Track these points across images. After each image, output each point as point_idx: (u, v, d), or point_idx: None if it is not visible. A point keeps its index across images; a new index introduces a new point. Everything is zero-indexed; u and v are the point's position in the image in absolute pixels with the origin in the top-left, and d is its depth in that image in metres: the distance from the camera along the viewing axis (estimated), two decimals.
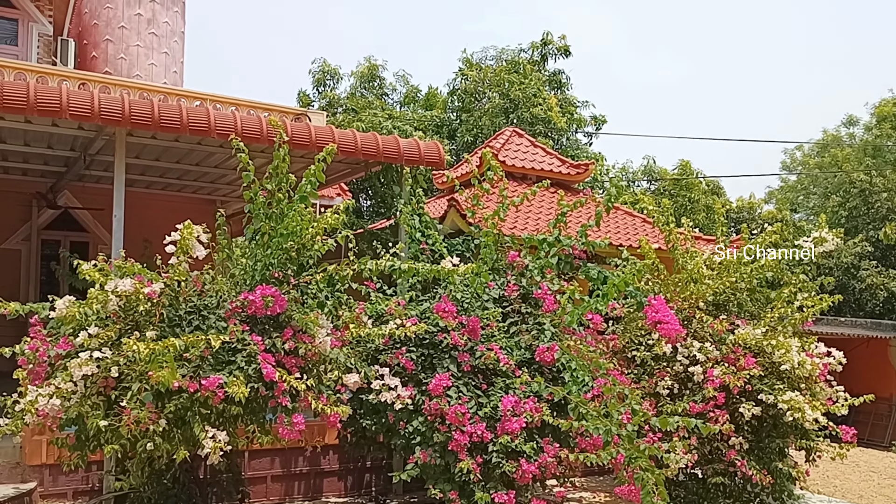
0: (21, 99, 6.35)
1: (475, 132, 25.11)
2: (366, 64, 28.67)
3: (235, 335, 5.43)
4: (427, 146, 8.76)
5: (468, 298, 6.95)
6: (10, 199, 12.44)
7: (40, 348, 5.41)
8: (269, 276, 5.97)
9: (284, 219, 5.93)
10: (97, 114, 6.69)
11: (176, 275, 5.70)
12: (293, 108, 13.86)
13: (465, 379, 6.38)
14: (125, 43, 15.69)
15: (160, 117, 7.03)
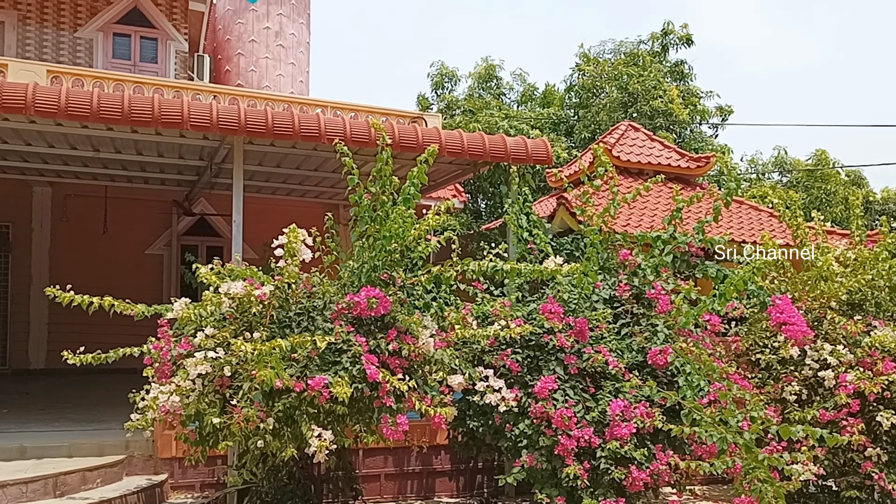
0: (147, 112, 6.68)
1: (593, 128, 24.49)
2: (483, 64, 28.61)
3: (341, 336, 5.45)
4: (535, 144, 8.52)
5: (576, 299, 6.69)
6: (152, 208, 13.26)
7: (164, 348, 5.64)
8: (374, 277, 5.97)
9: (388, 221, 5.90)
10: (216, 124, 6.94)
11: (285, 277, 5.79)
12: (410, 112, 13.95)
13: (572, 382, 6.13)
14: (255, 56, 16.39)
15: (274, 125, 7.21)
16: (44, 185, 12.64)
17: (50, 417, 8.64)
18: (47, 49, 12.65)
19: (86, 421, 8.42)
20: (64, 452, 7.02)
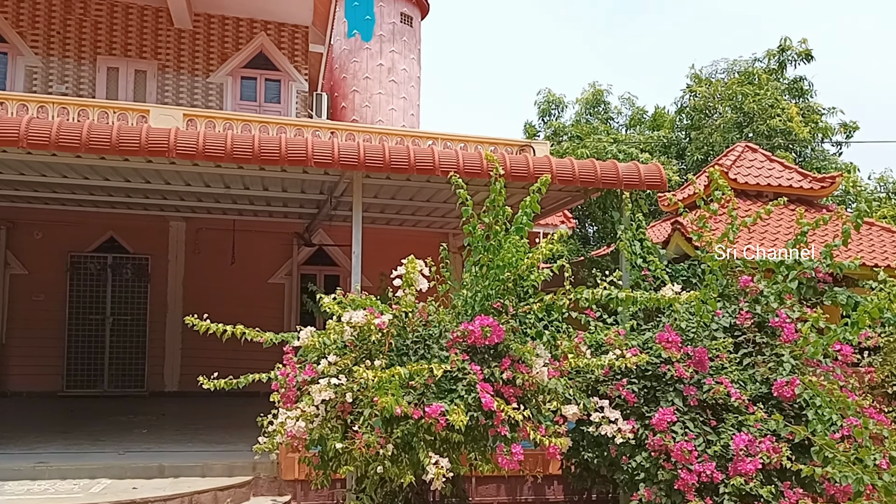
0: (275, 152, 7.07)
1: (705, 150, 23.75)
2: (590, 90, 28.42)
3: (456, 364, 5.52)
4: (647, 169, 8.38)
5: (694, 328, 6.48)
6: (275, 239, 13.94)
7: (290, 374, 5.89)
8: (487, 306, 6.02)
9: (501, 250, 5.96)
10: (337, 160, 7.26)
11: (403, 306, 5.94)
12: (517, 141, 14.04)
13: (692, 414, 5.92)
14: (369, 92, 17.01)
15: (390, 160, 7.45)
16: (179, 219, 13.53)
17: (184, 438, 9.17)
18: (183, 94, 13.65)
19: (216, 442, 8.89)
20: (197, 472, 7.44)
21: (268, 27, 14.09)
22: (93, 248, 13.49)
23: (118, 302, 13.60)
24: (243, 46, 13.97)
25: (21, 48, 12.97)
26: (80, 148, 6.77)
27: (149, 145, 6.79)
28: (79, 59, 13.24)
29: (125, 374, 13.54)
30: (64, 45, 13.17)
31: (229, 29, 13.94)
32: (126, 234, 13.60)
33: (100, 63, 13.32)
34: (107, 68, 13.36)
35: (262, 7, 13.54)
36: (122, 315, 13.59)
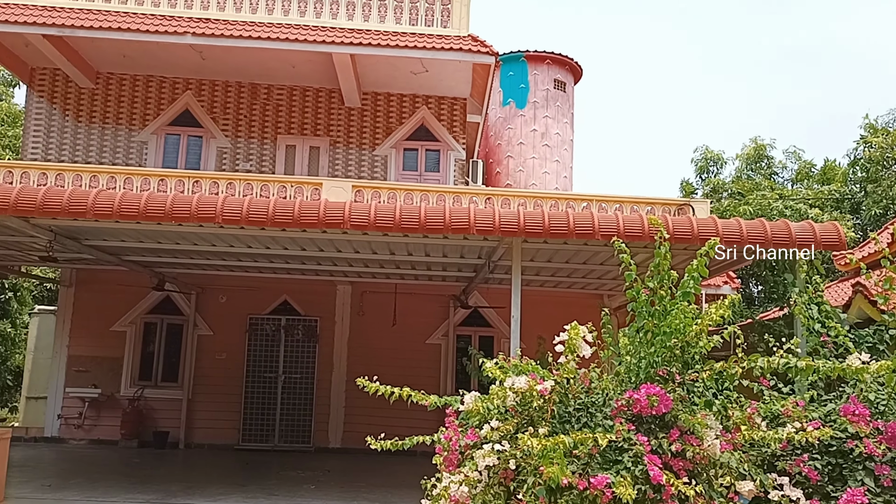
0: (440, 221, 7.40)
1: (884, 204, 21.93)
2: (752, 145, 27.26)
3: (622, 434, 5.38)
4: (824, 228, 7.90)
5: (884, 400, 5.92)
6: (433, 301, 14.36)
7: (453, 438, 5.99)
8: (653, 374, 5.85)
9: (667, 316, 5.81)
10: (498, 228, 7.46)
11: (565, 372, 5.91)
12: (674, 200, 13.70)
13: (886, 496, 5.37)
14: (523, 157, 17.34)
15: (550, 226, 7.55)
16: (346, 283, 14.30)
17: (349, 496, 9.49)
18: (351, 166, 14.62)
19: (379, 501, 9.12)
20: None
21: (429, 101, 14.88)
22: (269, 310, 14.50)
23: (289, 361, 14.45)
24: (406, 120, 14.82)
25: (214, 131, 14.51)
26: (266, 222, 7.44)
27: (326, 218, 7.33)
28: (262, 139, 14.59)
29: (294, 429, 14.24)
30: (249, 127, 14.58)
31: (394, 105, 14.86)
32: (298, 298, 14.52)
33: (279, 141, 14.61)
34: (285, 146, 14.62)
35: (424, 84, 14.35)
36: (293, 373, 14.40)
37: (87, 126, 14.26)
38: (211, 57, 13.52)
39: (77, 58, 13.58)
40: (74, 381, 14.05)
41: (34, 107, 14.25)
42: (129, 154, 14.27)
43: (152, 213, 7.41)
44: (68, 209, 7.28)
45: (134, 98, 14.43)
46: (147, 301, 14.33)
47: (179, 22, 12.79)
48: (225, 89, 14.60)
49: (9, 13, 12.45)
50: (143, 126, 14.38)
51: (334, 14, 13.10)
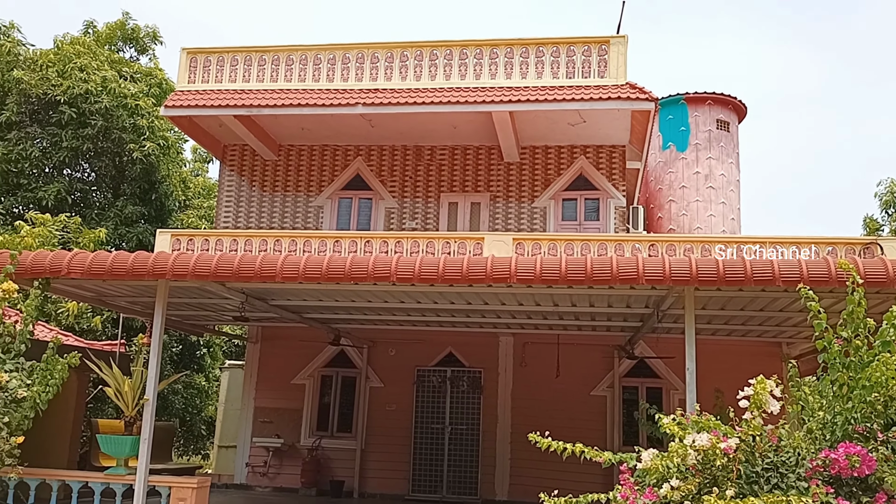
0: (606, 272, 7.35)
1: None
2: None
3: (819, 497, 5.01)
4: None
5: None
6: (597, 352, 14.11)
7: (630, 497, 5.83)
8: (851, 431, 5.43)
9: (866, 368, 5.39)
10: (668, 277, 7.29)
11: (750, 430, 5.61)
12: (859, 238, 12.72)
13: None
14: (685, 200, 16.82)
15: (725, 273, 7.27)
16: (507, 335, 14.41)
17: None
18: (511, 219, 14.88)
19: None
20: None
21: (587, 151, 14.90)
22: (435, 362, 14.86)
23: (455, 412, 14.65)
24: (564, 171, 14.90)
25: (382, 193, 15.37)
26: (436, 279, 7.74)
27: (493, 273, 7.52)
28: (426, 198, 15.24)
29: (461, 480, 14.34)
30: (414, 187, 15.30)
31: (552, 157, 15.03)
32: (462, 350, 14.79)
33: (442, 199, 15.19)
34: (448, 203, 15.17)
35: (581, 134, 14.42)
36: (459, 424, 14.57)
37: (270, 194, 15.59)
38: (379, 124, 14.41)
39: (262, 133, 14.98)
40: (260, 431, 15.05)
41: (226, 179, 15.81)
42: (308, 218, 15.39)
43: (333, 274, 7.93)
44: (260, 274, 7.97)
45: (311, 166, 15.63)
46: (323, 355, 15.18)
47: (351, 94, 13.79)
48: (392, 153, 15.46)
49: (206, 99, 14.02)
50: (319, 191, 15.49)
51: (493, 74, 13.57)
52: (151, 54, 21.14)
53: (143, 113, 17.98)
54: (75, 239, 15.32)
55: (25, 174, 17.37)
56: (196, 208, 20.95)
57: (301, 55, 14.27)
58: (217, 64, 14.44)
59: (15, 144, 17.05)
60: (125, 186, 18.52)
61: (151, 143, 17.89)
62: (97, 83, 17.19)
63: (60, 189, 17.15)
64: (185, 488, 8.31)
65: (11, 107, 17.14)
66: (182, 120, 14.54)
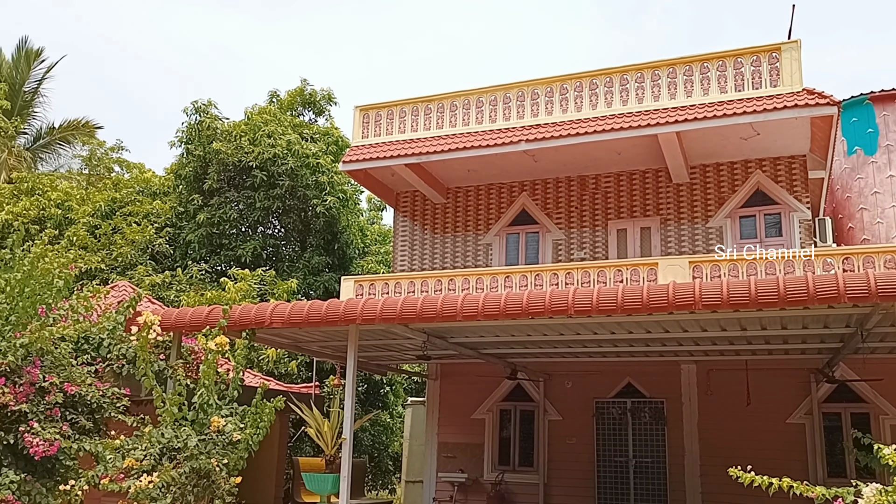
0: (801, 292, 6.78)
1: None
2: None
3: None
4: None
5: None
6: (790, 376, 13.01)
7: None
8: None
9: None
10: (874, 293, 6.60)
11: None
12: None
13: None
14: (880, 207, 15.31)
15: None
16: (690, 362, 13.68)
17: None
18: (684, 242, 14.22)
19: None
20: None
21: (762, 164, 13.97)
22: (613, 393, 14.39)
23: (639, 445, 14.05)
24: (739, 187, 14.03)
25: (548, 226, 15.28)
26: (615, 310, 7.52)
27: (676, 301, 7.17)
28: (593, 227, 14.96)
29: None
30: (581, 217, 15.08)
31: (724, 174, 14.23)
32: (641, 380, 14.21)
33: (610, 227, 14.83)
34: (616, 230, 14.77)
35: (756, 147, 13.55)
36: (644, 457, 13.96)
37: (441, 235, 16.02)
38: (542, 158, 14.41)
39: (431, 178, 15.49)
40: (444, 466, 15.25)
41: (399, 225, 16.46)
42: (478, 256, 15.63)
43: (511, 310, 7.95)
44: (441, 314, 8.15)
45: (478, 205, 15.89)
46: (501, 389, 15.19)
47: (513, 132, 13.92)
48: (556, 185, 15.38)
49: (378, 151, 14.76)
50: (487, 229, 15.70)
51: (656, 96, 13.15)
52: (328, 115, 22.67)
53: (323, 170, 19.23)
54: (271, 290, 16.56)
55: (226, 235, 19.08)
56: (374, 254, 21.96)
57: (464, 100, 14.66)
58: (387, 117, 15.18)
59: (217, 209, 18.81)
60: (311, 239, 19.81)
61: (332, 196, 19.07)
62: (283, 147, 18.64)
63: (256, 246, 18.66)
64: None
65: (213, 175, 18.96)
66: (358, 173, 15.38)
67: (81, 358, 8.95)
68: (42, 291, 8.71)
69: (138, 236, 18.49)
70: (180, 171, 19.95)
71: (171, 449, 7.80)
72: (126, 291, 12.29)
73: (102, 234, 18.81)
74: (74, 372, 8.47)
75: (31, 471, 7.89)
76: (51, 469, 8.03)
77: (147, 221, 19.28)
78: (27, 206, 19.03)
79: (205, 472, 7.82)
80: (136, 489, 7.47)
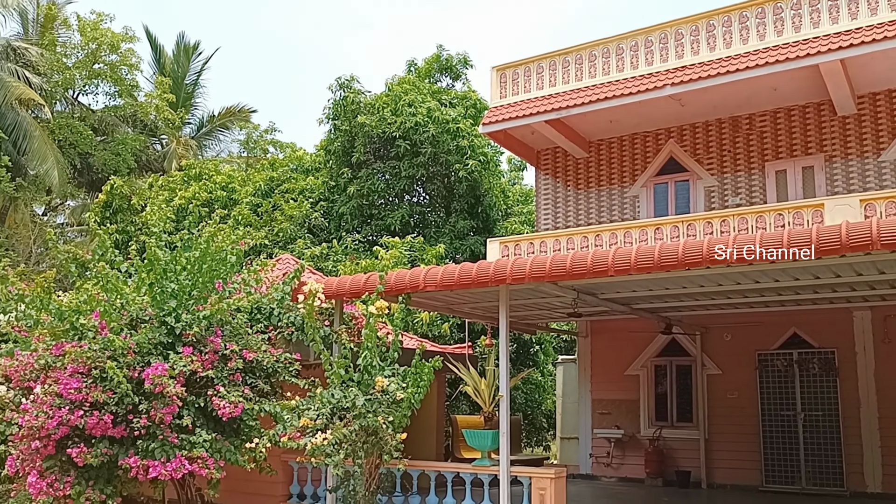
0: None
1: None
2: None
3: None
4: None
5: None
6: None
7: None
8: None
9: None
10: None
11: None
12: None
13: None
14: None
15: None
16: (864, 309, 12.58)
17: None
18: (853, 179, 12.89)
19: None
20: None
21: None
22: (777, 345, 13.56)
23: (807, 397, 13.21)
24: None
25: (699, 173, 14.39)
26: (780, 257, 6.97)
27: (850, 241, 6.53)
28: (748, 170, 13.94)
29: (822, 471, 12.87)
30: (734, 161, 14.08)
31: None
32: (808, 329, 13.28)
33: (767, 169, 13.71)
34: (774, 172, 13.64)
35: None
36: (813, 410, 13.11)
37: (585, 191, 15.58)
38: (689, 101, 13.55)
39: (572, 133, 15.04)
40: (599, 423, 15.08)
41: (542, 183, 16.18)
42: (624, 209, 15.08)
43: (665, 262, 7.57)
44: (592, 270, 7.91)
45: (622, 157, 15.28)
46: (655, 345, 14.73)
47: (657, 77, 13.16)
48: (706, 129, 14.44)
49: (518, 110, 14.51)
50: (633, 181, 15.08)
51: (815, 23, 11.89)
52: (464, 78, 22.61)
53: (463, 134, 19.24)
54: (420, 256, 16.91)
55: (375, 205, 19.65)
56: (517, 215, 21.82)
57: (603, 48, 14.00)
58: (524, 74, 14.83)
59: (365, 181, 19.39)
60: (455, 204, 19.99)
61: (473, 160, 19.07)
62: (423, 115, 18.81)
63: (403, 214, 19.08)
64: (544, 479, 8.57)
65: (359, 148, 19.52)
66: (498, 134, 15.22)
67: (256, 327, 9.56)
68: (218, 267, 9.38)
69: (296, 212, 19.47)
70: (329, 146, 20.70)
71: (340, 408, 8.21)
72: (289, 264, 12.98)
73: (264, 212, 19.98)
74: (251, 340, 9.07)
75: (220, 431, 8.59)
76: (236, 429, 8.70)
77: (302, 197, 20.24)
78: (197, 190, 20.53)
79: (373, 430, 8.17)
80: (312, 446, 7.94)
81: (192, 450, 8.03)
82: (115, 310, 8.79)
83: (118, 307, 8.83)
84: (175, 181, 21.87)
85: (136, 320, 8.81)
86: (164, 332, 8.66)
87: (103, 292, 9.11)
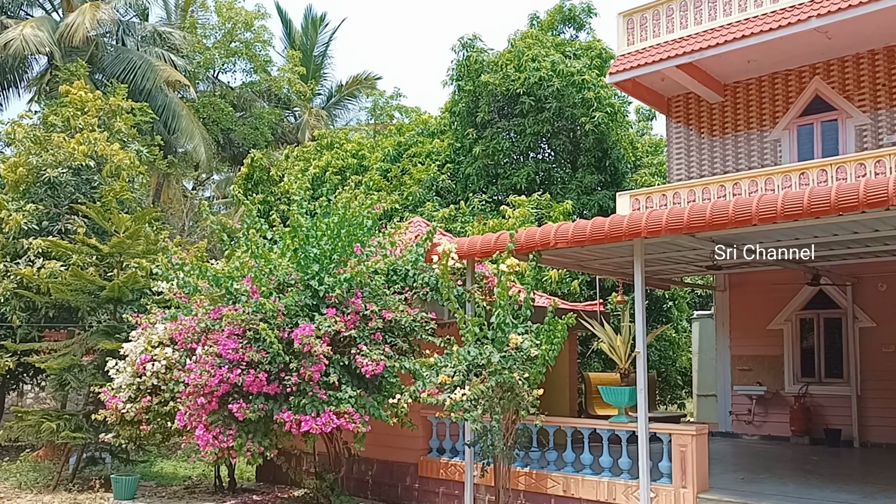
0: None
1: None
2: None
3: None
4: None
5: None
6: None
7: None
8: None
9: None
10: None
11: None
12: None
13: None
14: None
15: None
16: None
17: None
18: None
19: None
20: None
21: None
22: None
23: None
24: None
25: (849, 111, 13.08)
26: None
27: None
28: None
29: None
30: (890, 96, 12.70)
31: None
32: None
33: None
34: None
35: None
36: None
37: (720, 138, 14.66)
38: (837, 33, 12.30)
39: (705, 77, 14.11)
40: (740, 380, 14.43)
41: (673, 132, 15.35)
42: (764, 155, 14.06)
43: (816, 208, 6.99)
44: (735, 219, 7.46)
45: (761, 99, 14.19)
46: (800, 297, 13.84)
47: (800, 9, 12.02)
48: (856, 63, 13.09)
49: (646, 57, 13.79)
50: (773, 125, 13.99)
51: None
52: (588, 28, 21.79)
53: (588, 86, 18.58)
54: (547, 214, 16.67)
55: (500, 164, 19.48)
56: (647, 166, 20.97)
57: None
58: (653, 18, 14.01)
59: (490, 140, 19.22)
60: (581, 158, 19.46)
61: (599, 112, 18.41)
62: (547, 69, 18.30)
63: (529, 172, 18.80)
64: (685, 435, 8.33)
65: (483, 108, 19.33)
66: (626, 83, 14.55)
67: (392, 288, 9.82)
68: (355, 232, 9.70)
69: (423, 175, 19.68)
70: (454, 108, 20.66)
71: (476, 365, 8.32)
72: (420, 226, 13.19)
73: (393, 177, 20.35)
74: (389, 300, 9.35)
75: (364, 387, 8.97)
76: (378, 385, 9.05)
77: (429, 160, 20.40)
78: (330, 159, 21.20)
79: (509, 386, 8.24)
80: (451, 402, 8.13)
81: (339, 405, 8.44)
82: (265, 275, 9.30)
83: (267, 272, 9.33)
84: (309, 151, 22.69)
85: (283, 284, 9.29)
86: (308, 294, 9.09)
87: (252, 259, 9.66)
